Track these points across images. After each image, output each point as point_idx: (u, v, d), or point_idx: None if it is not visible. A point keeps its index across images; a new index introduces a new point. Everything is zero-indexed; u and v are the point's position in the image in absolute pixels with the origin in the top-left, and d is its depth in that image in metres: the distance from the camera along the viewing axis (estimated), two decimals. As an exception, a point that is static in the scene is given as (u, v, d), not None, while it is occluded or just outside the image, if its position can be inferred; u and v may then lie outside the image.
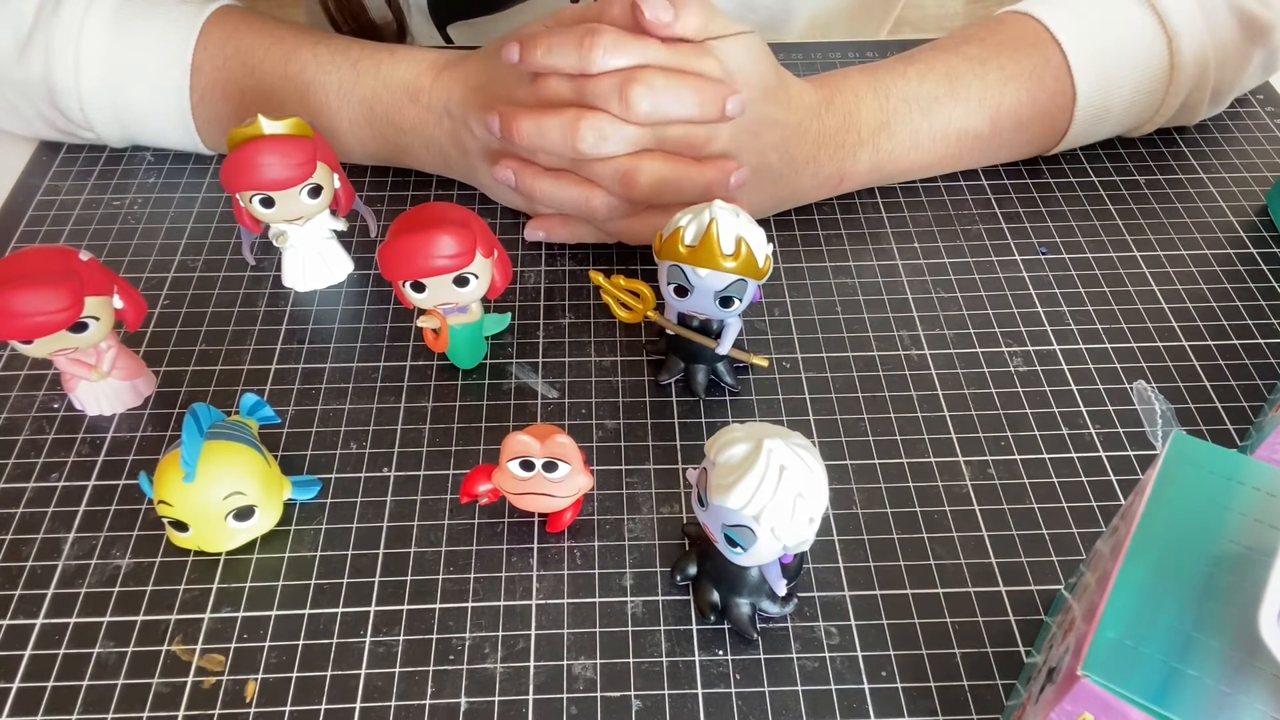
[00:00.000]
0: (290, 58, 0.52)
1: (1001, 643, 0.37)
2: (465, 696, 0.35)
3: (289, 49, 0.52)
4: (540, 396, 0.45)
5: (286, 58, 0.52)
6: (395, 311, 0.49)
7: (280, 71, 0.52)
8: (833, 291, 0.50)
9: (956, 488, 0.42)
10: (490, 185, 0.52)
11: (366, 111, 0.52)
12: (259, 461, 0.39)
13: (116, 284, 0.41)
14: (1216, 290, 0.50)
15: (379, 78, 0.51)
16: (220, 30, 0.53)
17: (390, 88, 0.51)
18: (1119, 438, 0.43)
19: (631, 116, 0.44)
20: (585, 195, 0.47)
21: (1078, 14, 0.53)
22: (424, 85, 0.51)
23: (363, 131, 0.53)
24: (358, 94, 0.52)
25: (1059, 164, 0.57)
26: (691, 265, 0.39)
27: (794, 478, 0.31)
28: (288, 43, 0.52)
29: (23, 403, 0.45)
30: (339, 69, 0.52)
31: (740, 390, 0.45)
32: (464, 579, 0.39)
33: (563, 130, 0.45)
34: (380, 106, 0.52)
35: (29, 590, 0.38)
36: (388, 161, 0.55)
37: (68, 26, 0.51)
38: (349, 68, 0.52)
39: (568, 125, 0.45)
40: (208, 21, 0.53)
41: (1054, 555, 0.39)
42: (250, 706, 0.35)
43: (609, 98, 0.44)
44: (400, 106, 0.51)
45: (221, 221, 0.53)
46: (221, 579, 0.38)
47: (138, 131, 0.55)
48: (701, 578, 0.37)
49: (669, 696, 0.35)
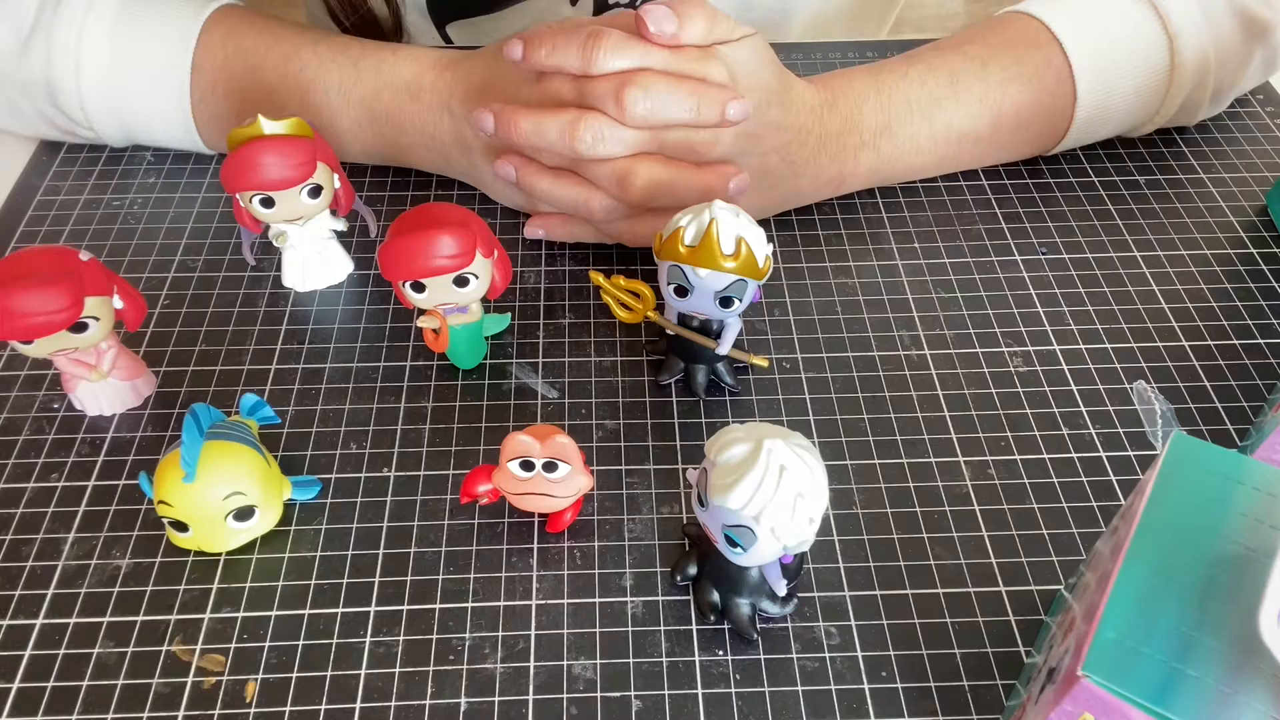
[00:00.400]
0: (291, 56, 0.52)
1: (1001, 643, 0.37)
2: (465, 696, 0.35)
3: (290, 48, 0.52)
4: (540, 396, 0.45)
5: (287, 56, 0.52)
6: (395, 311, 0.49)
7: (281, 70, 0.52)
8: (833, 291, 0.50)
9: (956, 488, 0.42)
10: (492, 184, 0.52)
11: (367, 110, 0.52)
12: (259, 461, 0.39)
13: (116, 284, 0.41)
14: (1216, 290, 0.50)
15: (380, 76, 0.51)
16: (221, 29, 0.53)
17: (391, 86, 0.51)
18: (1119, 438, 0.43)
19: (627, 119, 0.44)
20: (584, 196, 0.47)
21: (1079, 14, 0.53)
22: (425, 84, 0.51)
23: (363, 130, 0.53)
24: (358, 92, 0.52)
25: (1059, 164, 0.57)
26: (691, 265, 0.39)
27: (794, 478, 0.31)
28: (289, 41, 0.52)
29: (23, 403, 0.45)
30: (340, 67, 0.52)
31: (740, 390, 0.45)
32: (464, 579, 0.39)
33: (561, 130, 0.45)
34: (380, 105, 0.52)
35: (29, 590, 0.38)
36: (389, 161, 0.55)
37: (69, 25, 0.51)
38: (350, 66, 0.52)
39: (566, 126, 0.45)
40: (209, 20, 0.53)
41: (1054, 555, 0.39)
42: (250, 706, 0.35)
43: (606, 99, 0.44)
44: (401, 105, 0.51)
45: (221, 221, 0.53)
46: (221, 579, 0.38)
47: (138, 130, 0.55)
48: (701, 578, 0.37)
49: (669, 696, 0.35)
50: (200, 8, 0.53)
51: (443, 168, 0.54)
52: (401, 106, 0.51)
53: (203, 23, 0.52)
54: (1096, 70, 0.53)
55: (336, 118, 0.52)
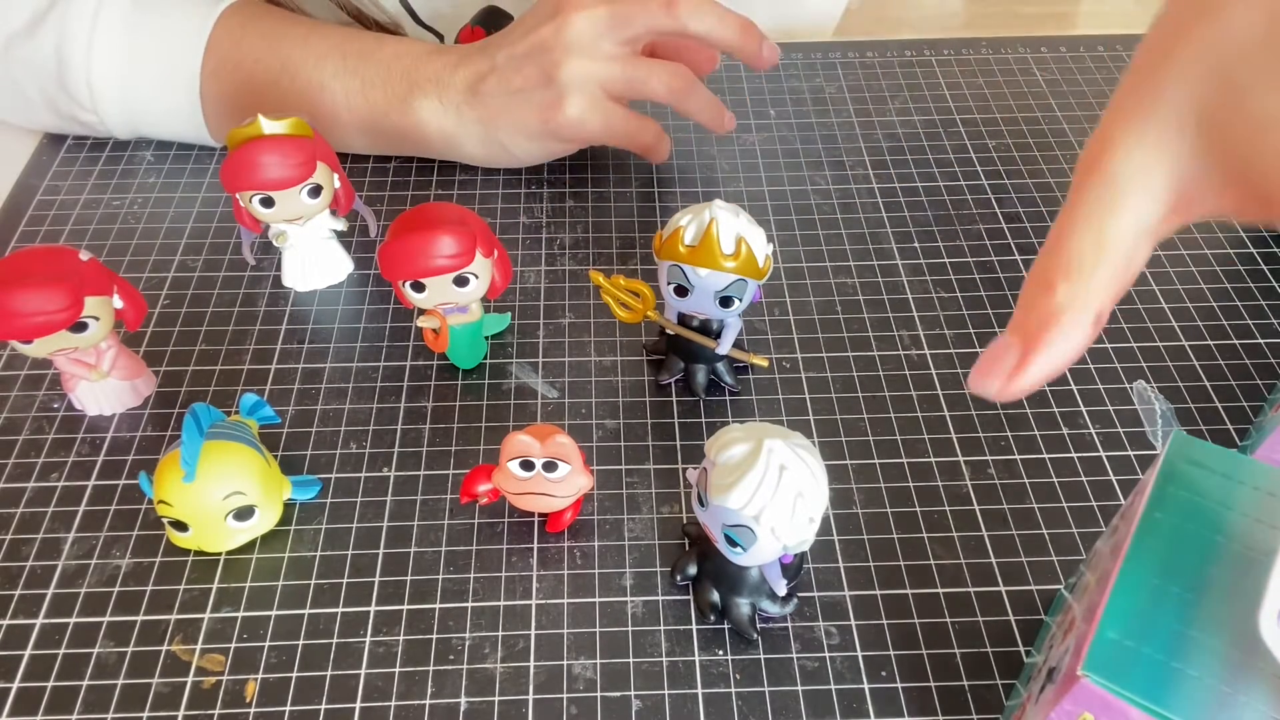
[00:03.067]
0: (305, 45, 0.52)
1: (1001, 643, 0.37)
2: (465, 696, 0.35)
3: (302, 37, 0.52)
4: (540, 396, 0.45)
5: (301, 45, 0.52)
6: (395, 311, 0.49)
7: (295, 66, 0.52)
8: (833, 291, 0.50)
9: (956, 488, 0.42)
10: (512, 140, 0.53)
11: (383, 93, 0.52)
12: (259, 461, 0.39)
13: (116, 284, 0.41)
14: (1216, 290, 0.50)
15: (400, 51, 0.52)
16: (236, 19, 0.53)
17: (402, 61, 0.52)
18: (1119, 438, 0.43)
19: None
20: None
21: None
22: (449, 59, 0.52)
23: (372, 119, 0.53)
24: (367, 71, 0.52)
25: (1059, 164, 0.57)
26: (691, 265, 0.39)
27: (794, 478, 0.31)
28: (300, 33, 0.53)
29: (23, 403, 0.45)
30: (362, 41, 0.52)
31: (740, 390, 0.45)
32: (464, 579, 0.39)
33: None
34: (396, 83, 0.52)
35: (29, 590, 0.38)
36: (399, 151, 0.56)
37: (83, 6, 0.51)
38: (372, 40, 0.52)
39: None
40: (224, 13, 0.53)
41: (1054, 555, 0.39)
42: (250, 706, 0.35)
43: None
44: (421, 82, 0.52)
45: (221, 221, 0.53)
46: (221, 579, 0.38)
47: (143, 119, 0.55)
48: (701, 578, 0.37)
49: (669, 696, 0.35)
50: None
51: (460, 141, 0.54)
52: (423, 83, 0.52)
53: (218, 14, 0.53)
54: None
55: (343, 113, 0.52)
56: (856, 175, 0.56)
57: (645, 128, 0.53)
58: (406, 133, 0.53)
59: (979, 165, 0.57)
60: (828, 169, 0.56)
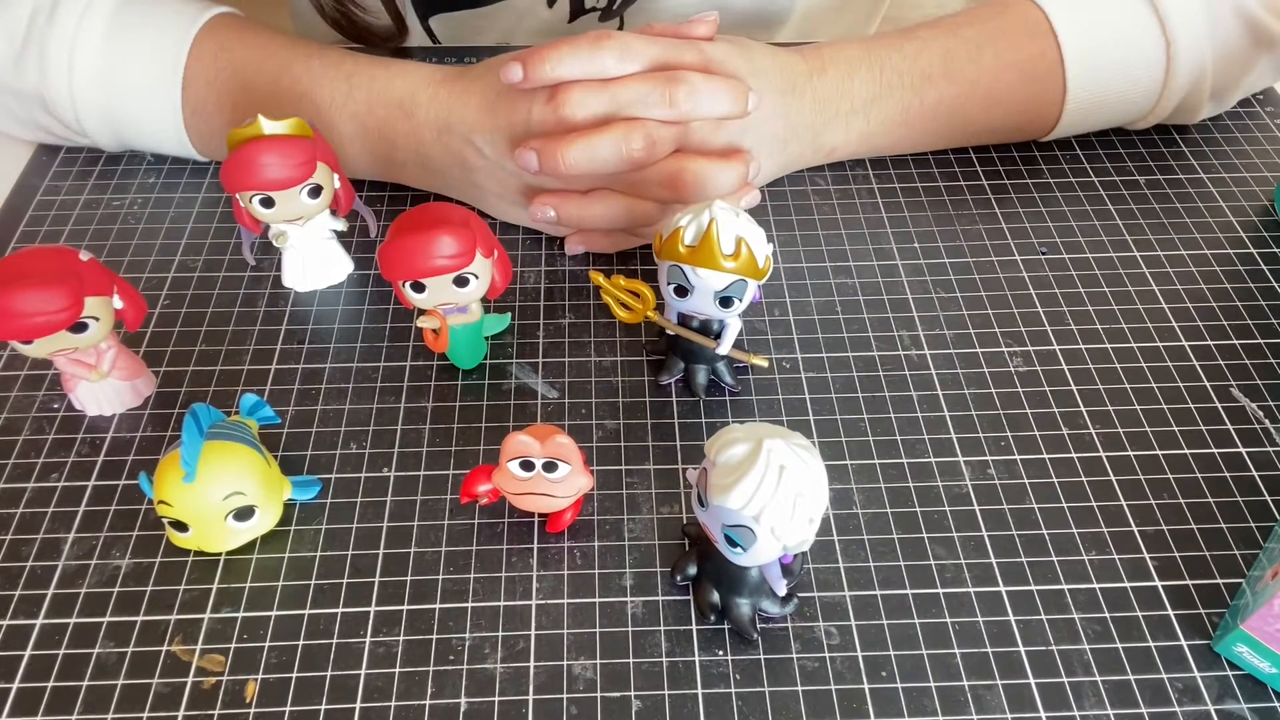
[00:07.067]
0: (284, 71, 0.51)
1: (1002, 643, 0.37)
2: (465, 696, 0.35)
3: (283, 62, 0.52)
4: (540, 396, 0.45)
5: (280, 71, 0.51)
6: (395, 311, 0.49)
7: (274, 86, 0.51)
8: (833, 291, 0.50)
9: (956, 488, 0.42)
10: (496, 205, 0.52)
11: (359, 126, 0.51)
12: (259, 461, 0.39)
13: (116, 284, 0.41)
14: (1217, 290, 0.50)
15: (373, 92, 0.51)
16: (213, 42, 0.52)
17: (384, 102, 0.50)
18: (1119, 438, 0.43)
19: (677, 117, 0.45)
20: (631, 207, 0.48)
21: (1078, 6, 0.53)
22: (420, 101, 0.50)
23: (356, 147, 0.52)
24: (350, 108, 0.51)
25: (1059, 163, 0.57)
26: (691, 265, 0.39)
27: (794, 478, 0.31)
28: (282, 56, 0.52)
29: (23, 403, 0.45)
30: (333, 83, 0.51)
31: (740, 390, 0.45)
32: (464, 579, 0.39)
33: (615, 145, 0.45)
34: (373, 121, 0.51)
35: (29, 590, 0.38)
36: (385, 177, 0.54)
37: (61, 37, 0.50)
38: (342, 81, 0.51)
39: (619, 139, 0.45)
40: (200, 33, 0.52)
41: (1054, 555, 0.39)
42: (250, 706, 0.35)
43: (650, 102, 0.45)
44: (394, 121, 0.50)
45: (221, 221, 0.53)
46: (221, 579, 0.38)
47: (133, 140, 0.55)
48: (701, 578, 0.37)
49: (669, 696, 0.35)
50: (193, 19, 0.52)
51: (440, 186, 0.53)
52: (395, 123, 0.50)
53: (194, 35, 0.52)
54: (1089, 67, 0.53)
55: (329, 133, 0.51)
56: (856, 175, 0.56)
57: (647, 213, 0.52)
58: (393, 174, 0.54)
59: (979, 165, 0.57)
60: (828, 169, 0.56)
